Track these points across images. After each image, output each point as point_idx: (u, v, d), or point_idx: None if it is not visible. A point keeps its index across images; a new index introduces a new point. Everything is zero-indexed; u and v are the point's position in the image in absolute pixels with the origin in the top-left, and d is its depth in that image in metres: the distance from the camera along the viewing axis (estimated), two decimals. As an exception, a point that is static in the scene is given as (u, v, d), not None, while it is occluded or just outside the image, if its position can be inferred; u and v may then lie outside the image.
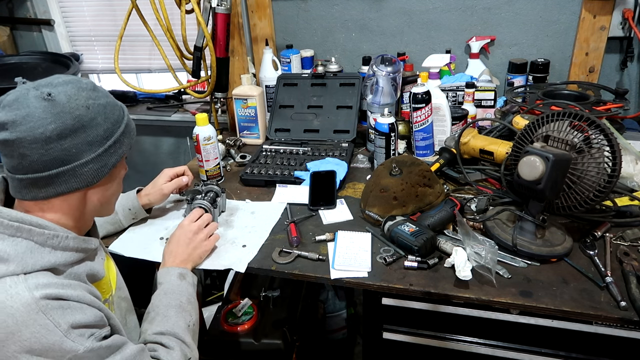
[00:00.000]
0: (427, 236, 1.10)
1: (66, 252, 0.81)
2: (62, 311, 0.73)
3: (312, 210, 1.35)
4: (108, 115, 0.83)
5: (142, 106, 2.52)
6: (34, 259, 0.76)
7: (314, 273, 1.10)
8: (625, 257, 1.05)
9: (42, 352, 0.71)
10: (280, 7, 2.00)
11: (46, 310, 0.71)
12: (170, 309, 0.97)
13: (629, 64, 1.75)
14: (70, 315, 0.73)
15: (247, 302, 1.61)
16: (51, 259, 0.78)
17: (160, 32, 1.68)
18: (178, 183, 1.33)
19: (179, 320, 0.96)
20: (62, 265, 0.80)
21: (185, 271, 1.07)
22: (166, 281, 1.04)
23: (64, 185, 0.80)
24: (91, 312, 0.77)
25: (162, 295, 1.01)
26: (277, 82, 1.84)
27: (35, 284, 0.73)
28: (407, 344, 1.22)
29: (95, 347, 0.75)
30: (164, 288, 1.02)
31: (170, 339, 0.92)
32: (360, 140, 1.76)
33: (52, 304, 0.72)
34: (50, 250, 0.79)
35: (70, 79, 0.81)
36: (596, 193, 1.04)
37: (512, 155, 1.18)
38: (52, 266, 0.78)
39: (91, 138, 0.80)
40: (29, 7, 2.44)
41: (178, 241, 1.12)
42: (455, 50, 1.89)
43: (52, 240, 0.79)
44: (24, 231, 0.76)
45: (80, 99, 0.79)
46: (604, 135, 1.03)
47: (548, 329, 1.07)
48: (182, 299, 1.01)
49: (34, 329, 0.70)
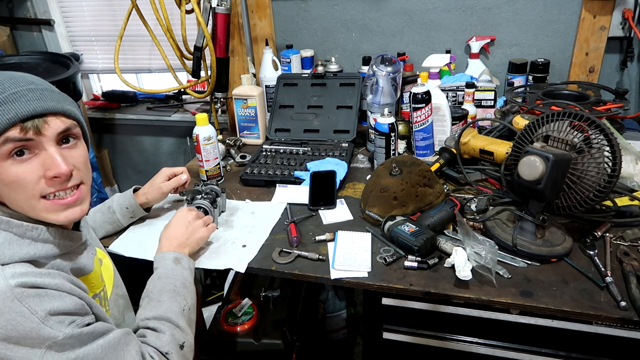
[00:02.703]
0: (427, 236, 1.10)
1: (47, 244, 0.80)
2: (39, 299, 0.72)
3: (312, 210, 1.35)
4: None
5: (142, 106, 2.52)
6: (12, 250, 0.75)
7: (314, 273, 1.10)
8: (625, 257, 1.05)
9: (20, 339, 0.70)
10: (280, 7, 2.00)
11: (21, 297, 0.70)
12: (163, 294, 0.95)
13: (629, 64, 1.75)
14: (47, 303, 0.72)
15: (247, 302, 1.61)
16: (30, 250, 0.77)
17: (160, 32, 1.68)
18: (177, 182, 1.32)
19: (173, 305, 0.93)
20: (43, 258, 0.79)
21: (180, 255, 1.05)
22: (161, 265, 1.02)
23: None
24: (70, 299, 0.76)
25: (156, 280, 0.98)
26: (277, 82, 1.84)
27: (11, 273, 0.72)
28: (407, 344, 1.22)
29: (76, 333, 0.74)
30: (159, 272, 1.00)
31: (162, 323, 0.90)
32: (360, 140, 1.76)
33: (28, 292, 0.71)
34: (30, 242, 0.77)
35: None
36: (596, 193, 1.04)
37: (512, 155, 1.18)
38: (32, 258, 0.77)
39: None
40: (29, 7, 2.44)
41: (175, 225, 1.12)
42: (455, 50, 1.89)
43: (32, 232, 0.78)
44: (2, 223, 0.76)
45: None
46: (604, 135, 1.03)
47: (548, 329, 1.07)
48: (177, 283, 0.98)
49: (9, 316, 0.69)
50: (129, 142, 2.66)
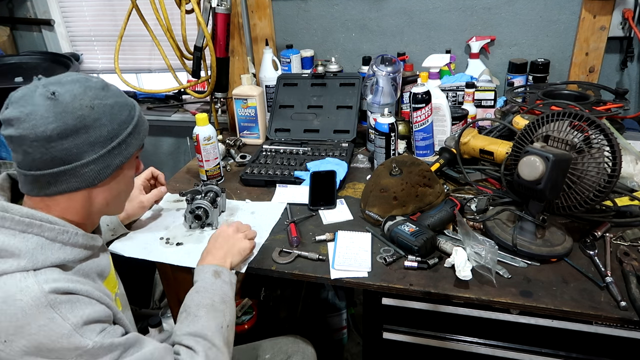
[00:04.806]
0: (427, 236, 1.10)
1: (75, 248, 0.82)
2: (71, 305, 0.73)
3: (312, 210, 1.35)
4: (115, 116, 0.82)
5: (142, 106, 2.52)
6: (44, 255, 0.76)
7: (314, 273, 1.10)
8: (625, 257, 1.05)
9: (50, 347, 0.71)
10: (280, 7, 2.00)
11: (54, 304, 0.71)
12: (200, 309, 0.93)
13: (629, 64, 1.75)
14: (79, 309, 0.73)
15: (247, 302, 1.61)
16: (60, 255, 0.78)
17: (160, 32, 1.68)
18: (157, 195, 1.31)
19: (210, 321, 0.91)
20: (71, 262, 0.81)
21: (221, 269, 1.02)
22: (200, 278, 1.00)
23: (65, 185, 0.80)
24: (100, 307, 0.77)
25: (194, 294, 0.96)
26: (277, 82, 1.84)
27: (44, 278, 0.73)
28: (407, 344, 1.22)
29: (107, 343, 0.74)
30: (197, 286, 0.99)
31: (197, 341, 0.88)
32: (360, 140, 1.76)
33: (61, 298, 0.72)
34: (60, 246, 0.79)
35: (79, 77, 0.81)
36: (596, 193, 1.04)
37: (512, 155, 1.18)
38: (62, 262, 0.78)
39: (93, 139, 0.79)
40: (29, 7, 2.44)
41: (216, 239, 1.10)
42: (455, 50, 1.89)
43: (62, 235, 0.79)
44: (34, 227, 0.77)
45: (85, 99, 0.78)
46: (604, 135, 1.03)
47: (548, 329, 1.07)
48: (215, 297, 0.96)
49: (42, 322, 0.70)
50: (129, 142, 2.66)
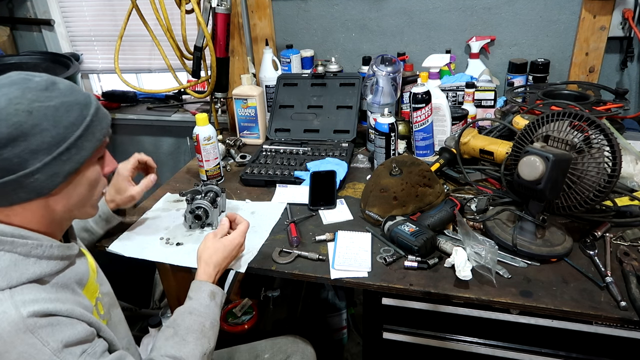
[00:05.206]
0: (427, 236, 1.10)
1: (51, 261, 0.78)
2: (51, 329, 0.70)
3: (312, 210, 1.35)
4: (59, 119, 0.74)
5: (142, 106, 2.52)
6: (18, 271, 0.73)
7: (314, 273, 1.10)
8: (625, 257, 1.05)
9: None
10: (280, 7, 2.00)
11: (34, 328, 0.68)
12: (190, 334, 0.91)
13: (629, 64, 1.75)
14: (59, 333, 0.71)
15: (247, 302, 1.61)
16: (36, 270, 0.75)
17: (160, 32, 1.68)
18: (147, 185, 1.25)
19: (196, 348, 0.90)
20: (48, 275, 0.77)
21: (217, 290, 1.02)
22: (195, 297, 0.98)
23: (14, 195, 0.74)
24: (81, 327, 0.75)
25: (187, 315, 0.95)
26: (277, 82, 1.84)
27: (22, 300, 0.70)
28: (407, 344, 1.22)
29: None
30: (191, 306, 0.97)
31: None
32: (360, 140, 1.76)
33: (41, 321, 0.70)
34: (35, 260, 0.76)
35: (18, 78, 0.74)
36: (596, 193, 1.04)
37: (512, 155, 1.18)
38: (38, 277, 0.75)
39: (35, 146, 0.72)
40: (29, 7, 2.44)
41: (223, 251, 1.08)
42: (455, 50, 1.89)
43: (36, 250, 0.76)
44: (6, 244, 0.74)
45: (22, 103, 0.71)
46: (604, 135, 1.03)
47: (548, 329, 1.07)
48: (206, 323, 0.95)
49: (22, 349, 0.67)
50: (129, 142, 2.66)
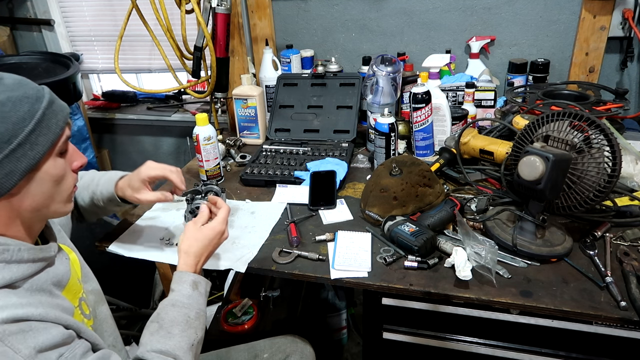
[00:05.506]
0: (427, 236, 1.10)
1: (21, 264, 0.75)
2: (23, 335, 0.67)
3: (312, 210, 1.35)
4: (6, 115, 0.70)
5: (142, 106, 2.52)
6: None
7: (314, 273, 1.10)
8: (625, 257, 1.05)
9: None
10: (280, 7, 2.00)
11: (4, 336, 0.65)
12: (175, 326, 0.88)
13: (629, 64, 1.75)
14: (31, 339, 0.68)
15: (247, 302, 1.61)
16: (5, 275, 0.72)
17: (160, 32, 1.68)
18: (158, 198, 1.16)
19: (182, 340, 0.87)
20: (20, 280, 0.74)
21: (199, 279, 0.97)
22: (177, 289, 0.94)
23: None
24: (56, 330, 0.71)
25: (170, 307, 0.91)
26: (277, 82, 1.84)
27: None
28: (407, 344, 1.22)
29: None
30: (174, 298, 0.93)
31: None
32: (360, 140, 1.76)
33: (11, 328, 0.66)
34: (4, 265, 0.72)
35: None
36: (596, 193, 1.04)
37: (512, 155, 1.18)
38: (8, 282, 0.72)
39: None
40: (29, 7, 2.45)
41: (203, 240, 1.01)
42: (455, 50, 1.89)
43: (3, 255, 0.73)
44: None
45: None
46: (604, 135, 1.03)
47: (548, 329, 1.07)
48: (191, 313, 0.91)
49: None
50: (129, 142, 2.66)
